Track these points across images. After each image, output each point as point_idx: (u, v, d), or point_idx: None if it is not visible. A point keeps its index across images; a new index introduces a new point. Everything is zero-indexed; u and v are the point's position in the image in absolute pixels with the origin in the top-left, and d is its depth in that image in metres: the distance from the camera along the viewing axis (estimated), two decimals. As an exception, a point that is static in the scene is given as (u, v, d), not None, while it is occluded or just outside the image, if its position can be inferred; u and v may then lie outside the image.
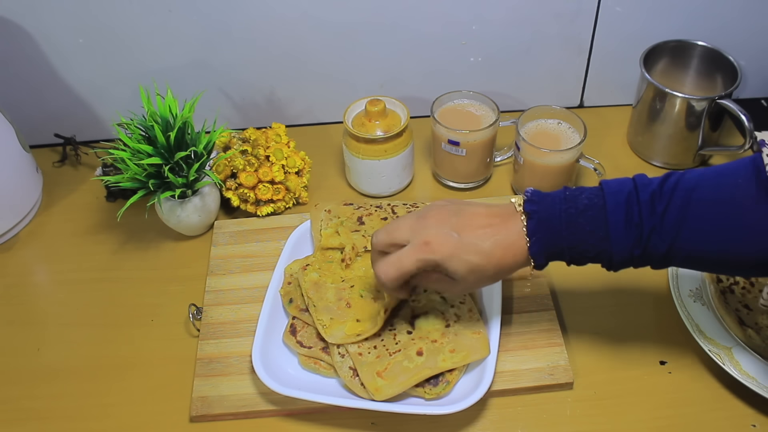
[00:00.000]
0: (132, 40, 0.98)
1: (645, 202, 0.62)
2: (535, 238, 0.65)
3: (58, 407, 0.78)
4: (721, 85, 0.98)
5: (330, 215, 0.87)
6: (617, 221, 0.63)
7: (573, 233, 0.64)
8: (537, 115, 0.95)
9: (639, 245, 0.63)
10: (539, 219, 0.65)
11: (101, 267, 0.92)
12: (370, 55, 1.02)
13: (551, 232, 0.65)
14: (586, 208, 0.64)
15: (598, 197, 0.64)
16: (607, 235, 0.63)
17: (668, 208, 0.62)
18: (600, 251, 0.64)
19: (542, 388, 0.76)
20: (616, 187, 0.64)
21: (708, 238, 0.61)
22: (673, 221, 0.61)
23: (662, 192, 0.62)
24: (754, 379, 0.72)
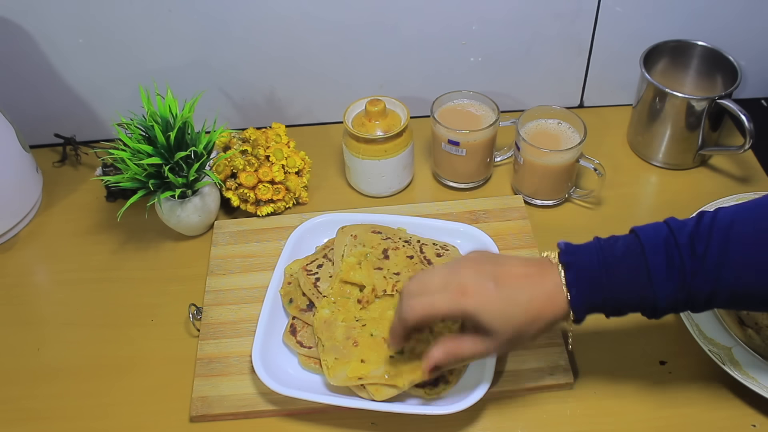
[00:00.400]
0: (132, 40, 0.98)
1: (684, 245, 0.61)
2: (575, 290, 0.62)
3: (58, 407, 0.78)
4: (721, 85, 0.98)
5: (355, 241, 0.83)
6: (658, 266, 0.61)
7: (613, 282, 0.62)
8: (537, 115, 0.95)
9: (683, 290, 0.61)
10: (578, 270, 0.63)
11: (101, 267, 0.92)
12: (370, 55, 1.02)
13: (591, 283, 0.62)
14: (625, 256, 0.62)
15: (635, 244, 0.62)
16: (649, 282, 0.61)
17: (708, 248, 0.60)
18: (642, 298, 0.62)
19: (542, 388, 0.76)
20: (651, 233, 0.62)
21: (752, 273, 0.60)
22: (715, 261, 0.60)
23: (699, 232, 0.61)
24: (754, 379, 0.72)
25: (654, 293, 0.61)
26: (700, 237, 0.61)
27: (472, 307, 0.62)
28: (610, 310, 0.64)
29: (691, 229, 0.61)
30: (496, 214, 0.92)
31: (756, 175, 0.98)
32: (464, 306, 0.62)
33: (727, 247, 0.60)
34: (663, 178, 0.99)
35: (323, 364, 0.73)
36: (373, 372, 0.71)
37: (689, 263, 0.60)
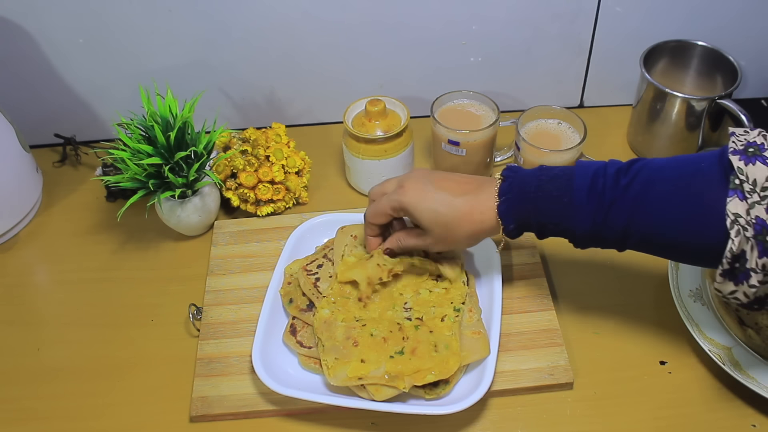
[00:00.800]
0: (132, 40, 0.98)
1: (610, 175, 0.66)
2: (504, 198, 0.69)
3: (58, 407, 0.78)
4: (721, 85, 0.98)
5: (355, 242, 0.83)
6: (581, 187, 0.66)
7: (541, 198, 0.68)
8: (537, 115, 0.95)
9: (600, 214, 0.65)
10: (512, 182, 0.70)
11: (101, 267, 0.92)
12: (370, 55, 1.02)
13: (521, 195, 0.69)
14: (556, 177, 0.68)
15: (569, 169, 0.68)
16: (570, 202, 0.66)
17: (631, 183, 0.64)
18: (563, 218, 0.67)
19: (542, 388, 0.76)
20: (587, 163, 0.68)
21: (665, 217, 0.63)
22: (634, 196, 0.64)
23: (629, 170, 0.65)
24: (754, 379, 0.72)
25: (573, 214, 0.66)
26: (628, 173, 0.65)
27: (407, 202, 0.73)
28: (536, 227, 0.70)
29: (622, 165, 0.66)
30: (496, 214, 0.92)
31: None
32: (401, 200, 0.73)
33: (649, 188, 0.64)
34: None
35: (323, 364, 0.73)
36: (373, 372, 0.71)
37: (609, 192, 0.65)
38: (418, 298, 0.78)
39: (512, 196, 0.69)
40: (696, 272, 0.82)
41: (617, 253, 0.69)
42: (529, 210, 0.69)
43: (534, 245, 0.88)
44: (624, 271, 0.86)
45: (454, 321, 0.75)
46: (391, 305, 0.77)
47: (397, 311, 0.77)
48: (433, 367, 0.72)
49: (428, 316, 0.76)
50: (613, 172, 0.66)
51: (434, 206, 0.71)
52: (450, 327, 0.74)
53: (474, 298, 0.80)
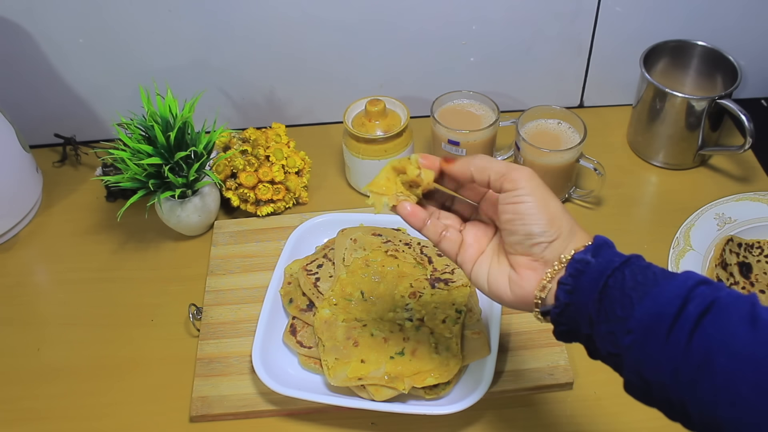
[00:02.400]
0: (132, 40, 0.98)
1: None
2: (580, 255, 0.53)
3: (58, 407, 0.78)
4: (721, 85, 0.98)
5: (355, 245, 0.82)
6: None
7: (621, 275, 0.51)
8: (537, 115, 0.95)
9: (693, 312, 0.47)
10: (598, 260, 0.53)
11: (101, 267, 0.92)
12: (370, 55, 1.02)
13: (597, 264, 0.52)
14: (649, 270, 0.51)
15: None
16: (662, 285, 0.49)
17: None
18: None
19: (542, 388, 0.76)
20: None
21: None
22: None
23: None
24: (754, 379, 0.72)
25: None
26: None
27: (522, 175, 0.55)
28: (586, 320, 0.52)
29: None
30: (496, 214, 0.92)
31: (756, 175, 0.98)
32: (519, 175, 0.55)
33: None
34: (663, 178, 0.99)
35: (323, 364, 0.73)
36: (373, 373, 0.71)
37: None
38: (420, 299, 0.78)
39: (606, 255, 0.53)
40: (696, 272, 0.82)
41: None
42: (608, 266, 0.52)
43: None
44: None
45: (456, 323, 0.75)
46: (392, 306, 0.77)
47: (398, 312, 0.77)
48: (432, 369, 0.72)
49: (429, 316, 0.76)
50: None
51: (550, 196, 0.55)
52: (451, 329, 0.74)
53: (474, 298, 0.80)
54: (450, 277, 0.80)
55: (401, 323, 0.76)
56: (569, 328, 0.54)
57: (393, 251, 0.81)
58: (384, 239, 0.83)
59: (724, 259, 0.84)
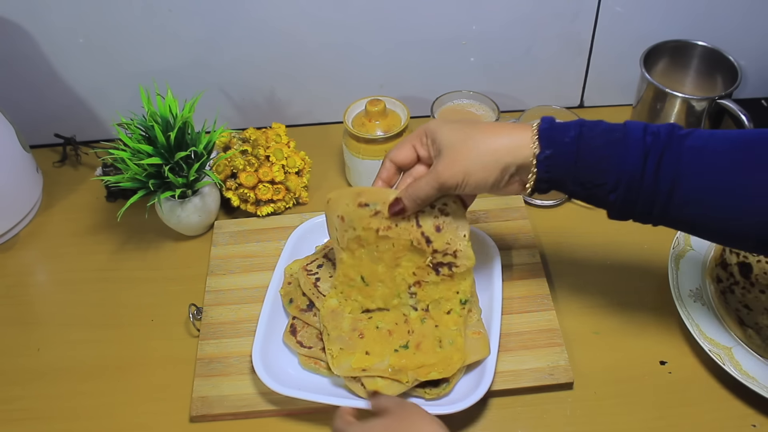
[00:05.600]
0: (132, 40, 0.98)
1: (665, 127, 0.62)
2: (545, 125, 0.63)
3: (58, 407, 0.78)
4: (721, 85, 0.98)
5: (345, 225, 0.76)
6: (635, 127, 0.62)
7: (588, 126, 0.63)
8: (537, 115, 0.94)
9: (653, 154, 0.61)
10: (552, 123, 0.64)
11: (101, 267, 0.92)
12: (370, 55, 1.02)
13: (564, 126, 0.63)
14: (604, 125, 0.64)
15: (621, 127, 0.64)
16: (623, 136, 0.62)
17: (689, 135, 0.61)
18: (611, 155, 0.62)
19: (542, 388, 0.76)
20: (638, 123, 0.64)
21: (722, 178, 0.59)
22: (690, 147, 0.60)
23: (679, 128, 0.62)
24: (754, 379, 0.72)
25: (623, 151, 0.61)
26: (682, 129, 0.62)
27: (431, 125, 0.68)
28: (573, 165, 0.63)
29: (675, 125, 0.63)
30: (496, 214, 0.92)
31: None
32: (426, 125, 0.68)
33: (706, 144, 0.60)
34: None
35: (327, 353, 0.73)
36: (377, 364, 0.72)
37: (665, 136, 0.61)
38: (424, 285, 0.77)
39: (554, 124, 0.64)
40: (696, 272, 0.82)
41: (617, 253, 0.69)
42: (571, 139, 0.63)
43: (534, 245, 0.88)
44: (624, 271, 0.86)
45: (460, 315, 0.75)
46: (395, 292, 0.76)
47: (403, 298, 0.76)
48: (436, 363, 0.72)
49: (434, 306, 0.75)
50: (668, 126, 0.62)
51: (459, 125, 0.66)
52: (456, 321, 0.74)
53: (474, 298, 0.79)
54: (453, 261, 0.75)
55: (406, 313, 0.76)
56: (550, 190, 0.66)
57: (385, 229, 0.75)
58: (371, 211, 0.75)
59: (724, 259, 0.84)
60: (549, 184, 0.65)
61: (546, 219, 0.94)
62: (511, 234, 0.90)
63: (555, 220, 0.94)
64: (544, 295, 0.83)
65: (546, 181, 0.64)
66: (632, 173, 0.61)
